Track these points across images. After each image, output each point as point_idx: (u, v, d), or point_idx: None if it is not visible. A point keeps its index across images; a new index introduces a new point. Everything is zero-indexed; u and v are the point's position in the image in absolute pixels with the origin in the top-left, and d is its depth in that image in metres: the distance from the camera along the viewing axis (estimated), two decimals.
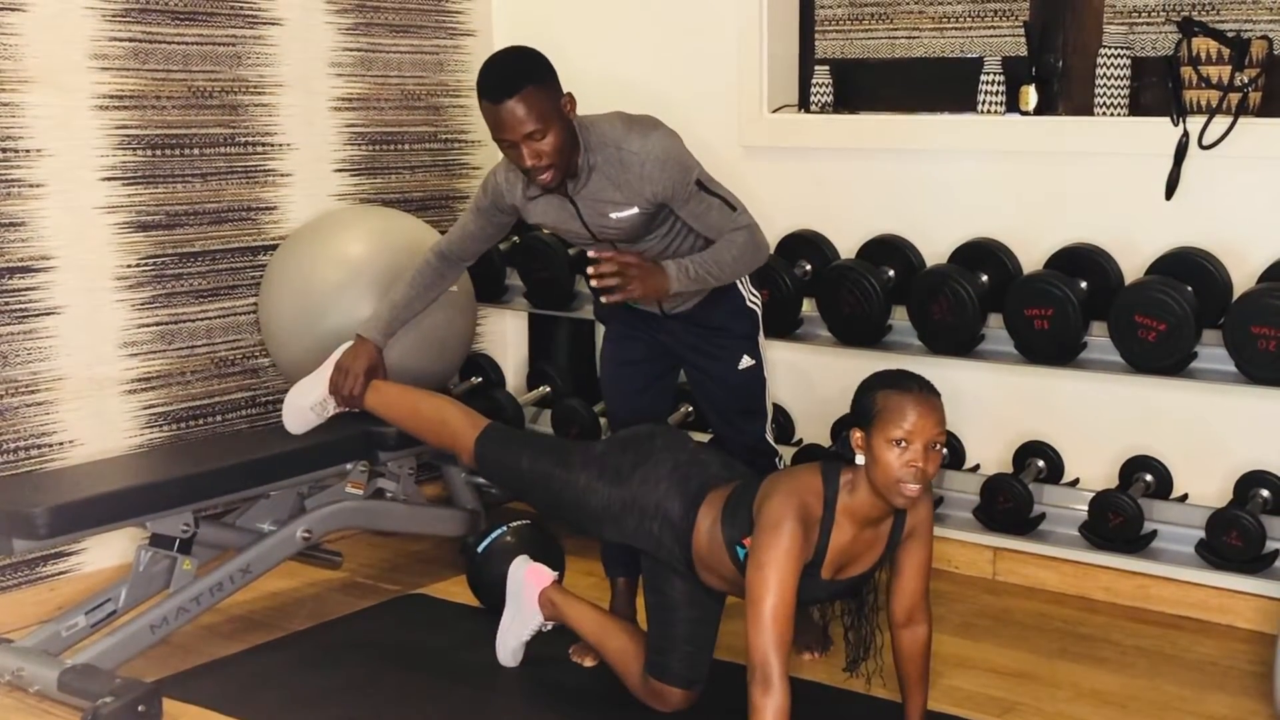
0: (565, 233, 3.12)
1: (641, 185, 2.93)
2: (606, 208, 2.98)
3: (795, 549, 2.58)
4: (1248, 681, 3.21)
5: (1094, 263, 3.49)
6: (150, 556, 3.29)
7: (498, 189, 3.12)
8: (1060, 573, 3.78)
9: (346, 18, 4.20)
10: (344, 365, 3.36)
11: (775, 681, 2.50)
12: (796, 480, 2.70)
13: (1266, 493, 3.40)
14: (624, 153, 2.92)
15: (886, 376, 2.66)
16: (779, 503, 2.64)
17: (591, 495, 2.97)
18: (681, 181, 2.95)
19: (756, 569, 2.57)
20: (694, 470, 2.92)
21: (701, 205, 3.00)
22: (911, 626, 2.82)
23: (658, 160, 2.91)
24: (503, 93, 2.82)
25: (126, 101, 3.67)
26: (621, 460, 2.96)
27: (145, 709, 2.87)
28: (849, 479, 2.68)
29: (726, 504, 2.81)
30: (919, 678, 2.85)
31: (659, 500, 2.87)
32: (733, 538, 2.75)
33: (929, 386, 2.65)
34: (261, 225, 4.03)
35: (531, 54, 2.94)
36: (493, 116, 2.84)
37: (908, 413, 2.57)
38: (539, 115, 2.81)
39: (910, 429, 2.56)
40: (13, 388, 3.51)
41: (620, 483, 2.93)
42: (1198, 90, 3.35)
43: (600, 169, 2.95)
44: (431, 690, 3.17)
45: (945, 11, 3.99)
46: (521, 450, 3.14)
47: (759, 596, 2.55)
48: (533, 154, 2.84)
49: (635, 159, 2.91)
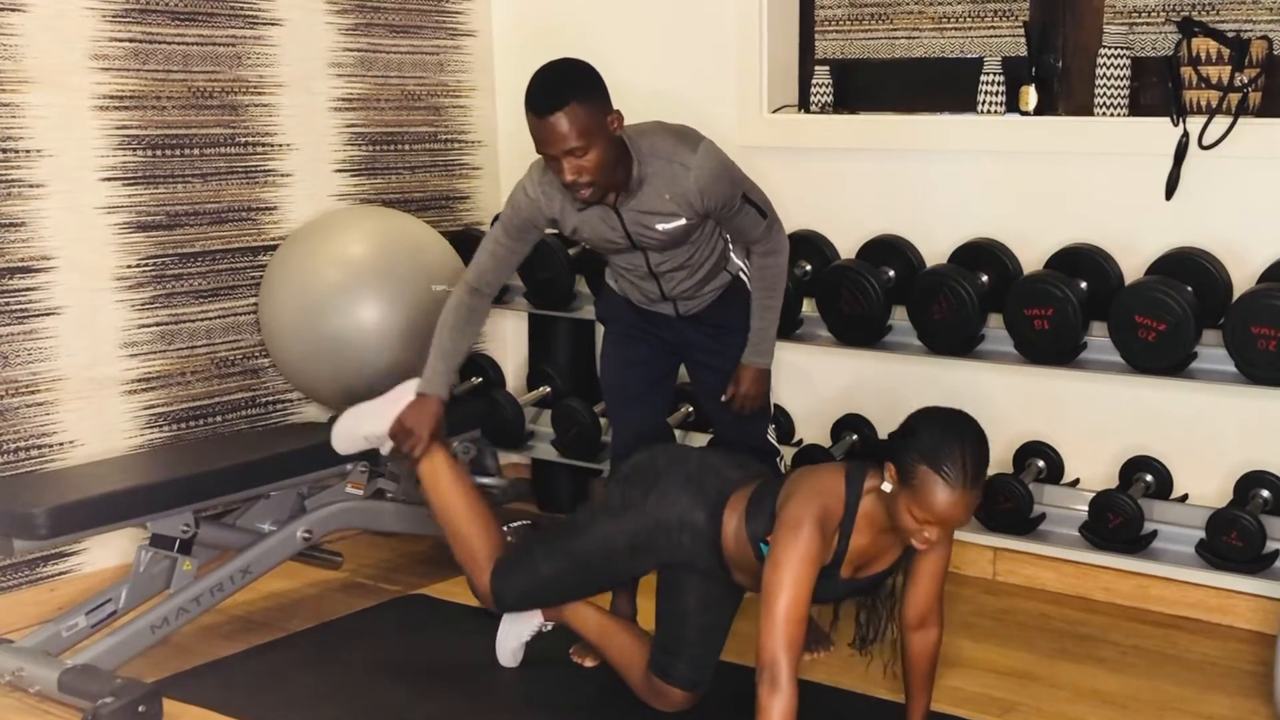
0: (601, 241, 3.08)
1: (694, 198, 2.93)
2: (654, 219, 2.96)
3: (813, 552, 2.58)
4: (1247, 682, 3.21)
5: (1094, 263, 3.49)
6: (150, 557, 3.29)
7: (533, 204, 3.03)
8: (1060, 573, 3.79)
9: (347, 18, 4.20)
10: (408, 424, 3.16)
11: (783, 682, 2.50)
12: (820, 481, 2.70)
13: (1266, 493, 3.39)
14: (675, 166, 2.91)
15: (940, 451, 2.51)
16: (800, 504, 2.64)
17: (616, 538, 2.93)
18: (731, 195, 2.99)
19: (773, 568, 2.58)
20: (707, 476, 2.91)
21: (741, 215, 3.04)
22: (924, 630, 2.82)
23: (712, 174, 2.93)
24: (547, 106, 2.77)
25: (127, 102, 3.67)
26: (631, 493, 2.94)
27: (145, 709, 2.87)
28: (872, 486, 2.67)
29: (750, 502, 2.81)
30: (925, 680, 2.85)
31: (681, 514, 2.86)
32: (756, 534, 2.77)
33: (976, 478, 2.53)
34: (262, 225, 4.03)
35: (580, 67, 2.89)
36: (536, 129, 2.80)
37: (940, 504, 2.51)
38: (582, 131, 2.76)
39: (937, 517, 2.53)
40: (13, 388, 3.51)
41: (638, 512, 2.91)
42: (1198, 90, 3.34)
43: (651, 181, 2.92)
44: (432, 690, 3.17)
45: (945, 12, 3.99)
46: (532, 558, 3.06)
47: (773, 596, 2.55)
48: (574, 169, 2.80)
49: (689, 173, 2.91)
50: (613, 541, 2.93)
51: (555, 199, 3.00)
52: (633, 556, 2.94)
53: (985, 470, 2.57)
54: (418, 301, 3.81)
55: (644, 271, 3.14)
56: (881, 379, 3.97)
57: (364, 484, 3.71)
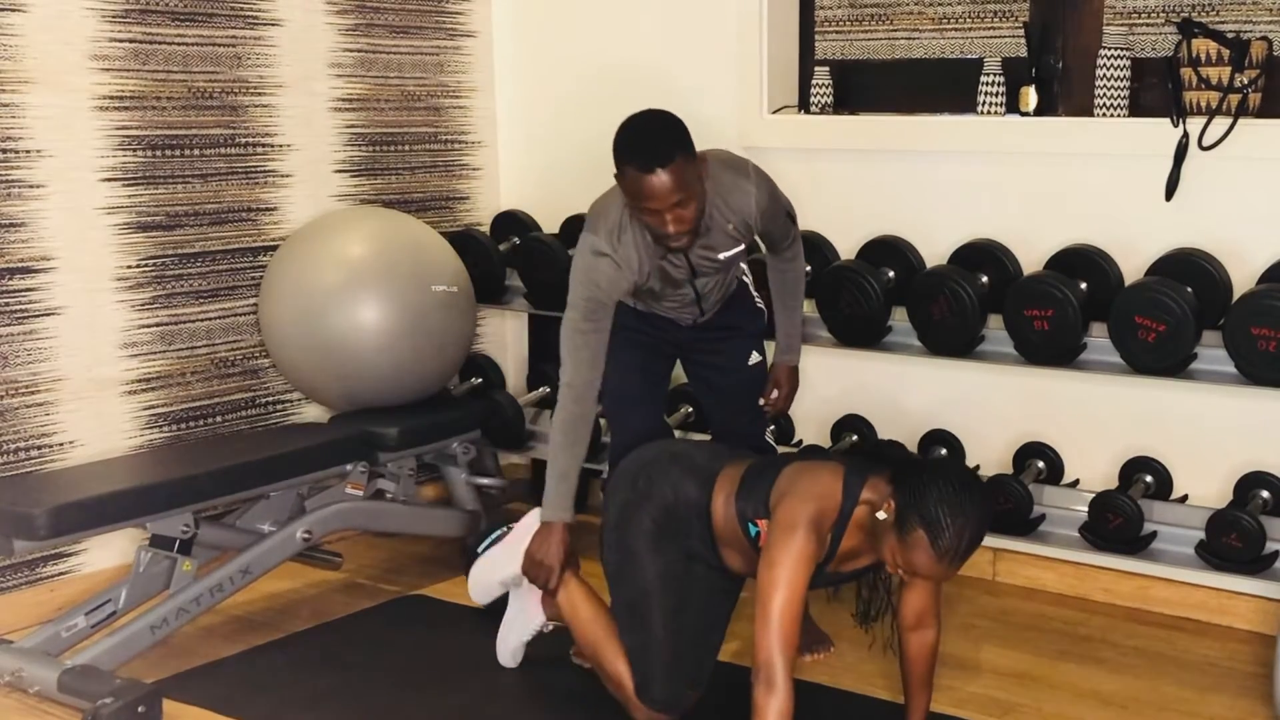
0: (662, 285, 3.09)
1: (754, 222, 3.03)
2: (718, 251, 3.04)
3: (809, 553, 2.59)
4: (1247, 683, 3.21)
5: (1094, 263, 3.49)
6: (150, 557, 3.29)
7: (620, 275, 2.96)
8: (1060, 574, 3.79)
9: (346, 18, 4.20)
10: (538, 557, 3.05)
11: (779, 682, 2.51)
12: (817, 482, 2.70)
13: (1266, 494, 3.40)
14: (734, 198, 2.98)
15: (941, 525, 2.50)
16: (797, 504, 2.64)
17: (639, 542, 2.88)
18: (780, 214, 3.12)
19: (769, 568, 2.58)
20: (695, 452, 2.96)
21: (780, 226, 3.17)
22: (920, 630, 2.81)
23: (768, 196, 3.05)
24: (655, 162, 2.75)
25: (127, 102, 3.67)
26: (632, 496, 2.93)
27: (145, 710, 2.87)
28: (868, 498, 2.67)
29: (743, 479, 2.82)
30: (923, 681, 2.85)
31: (674, 487, 2.88)
32: (744, 512, 2.77)
33: (966, 556, 2.55)
34: (262, 226, 4.03)
35: (677, 121, 2.88)
36: (638, 184, 2.77)
37: (922, 567, 2.57)
38: (684, 184, 2.78)
39: (914, 572, 2.61)
40: (13, 389, 3.51)
41: (645, 504, 2.90)
42: (1197, 91, 3.35)
43: (715, 219, 2.98)
44: (432, 691, 3.17)
45: (945, 12, 3.99)
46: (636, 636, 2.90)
47: (769, 596, 2.56)
48: (676, 220, 2.80)
49: (746, 203, 3.00)
50: (642, 544, 2.88)
51: (633, 260, 2.96)
52: (665, 549, 2.87)
53: (977, 547, 2.58)
54: (418, 302, 3.81)
55: (690, 299, 3.18)
56: (881, 380, 3.97)
57: (364, 484, 3.71)
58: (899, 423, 3.90)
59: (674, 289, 3.13)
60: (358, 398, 3.87)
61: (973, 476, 2.64)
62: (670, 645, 2.87)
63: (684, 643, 2.89)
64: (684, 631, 2.89)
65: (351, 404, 3.91)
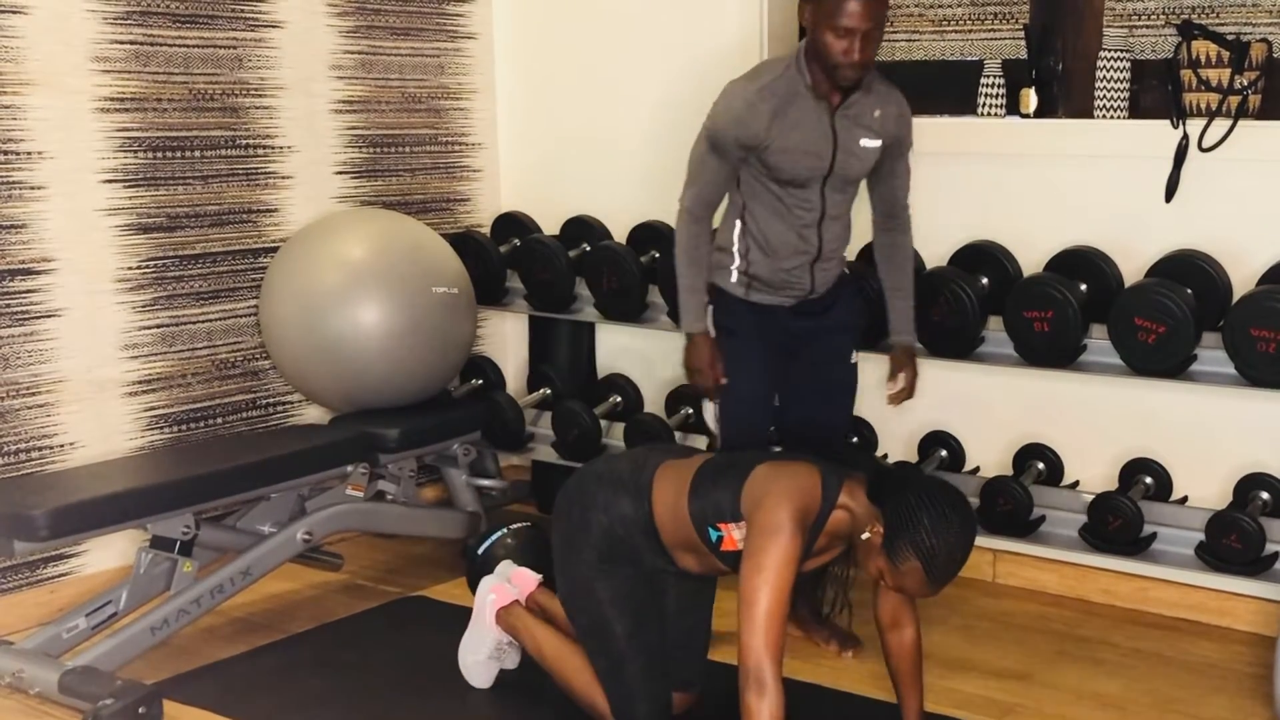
0: (805, 158, 3.11)
1: (893, 122, 3.18)
2: (861, 134, 3.14)
3: (794, 555, 2.55)
4: (1247, 684, 3.21)
5: (1094, 265, 3.49)
6: (151, 558, 3.29)
7: (740, 119, 3.09)
8: (1060, 575, 3.79)
9: (347, 20, 4.20)
10: (694, 366, 3.28)
11: (769, 684, 2.48)
12: (797, 482, 2.64)
13: (1266, 495, 3.40)
14: (888, 90, 3.19)
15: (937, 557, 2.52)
16: (781, 505, 2.58)
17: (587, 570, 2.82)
18: (909, 133, 3.26)
19: (754, 572, 2.54)
20: (618, 465, 2.88)
21: (902, 164, 3.29)
22: (897, 629, 2.81)
23: (907, 119, 3.23)
24: None
25: (128, 104, 3.68)
26: (568, 529, 2.85)
27: (146, 711, 2.87)
28: (845, 503, 2.64)
29: (694, 482, 2.73)
30: (911, 679, 2.83)
31: (606, 510, 2.79)
32: (702, 515, 2.69)
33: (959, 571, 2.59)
34: (262, 228, 4.04)
35: None
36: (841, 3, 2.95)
37: (914, 589, 2.60)
38: (877, 19, 3.00)
39: (905, 592, 2.65)
40: (14, 390, 3.51)
41: (583, 534, 2.81)
42: (1197, 93, 3.35)
43: (869, 93, 3.14)
44: (432, 692, 3.17)
45: (945, 14, 4.00)
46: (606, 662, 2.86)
47: (753, 599, 2.51)
48: (860, 49, 2.97)
49: (895, 96, 3.20)
50: (588, 574, 2.82)
51: (768, 101, 3.09)
52: (614, 573, 2.82)
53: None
54: (418, 304, 3.81)
55: (815, 216, 3.18)
56: (882, 381, 3.96)
57: (364, 486, 3.72)
58: (899, 424, 3.90)
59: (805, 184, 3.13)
60: (358, 399, 3.87)
61: (958, 496, 2.61)
62: (639, 664, 2.81)
63: (655, 658, 2.84)
64: (652, 648, 2.84)
65: (352, 405, 3.91)
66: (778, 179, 3.15)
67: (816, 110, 3.09)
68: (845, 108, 3.11)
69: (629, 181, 4.36)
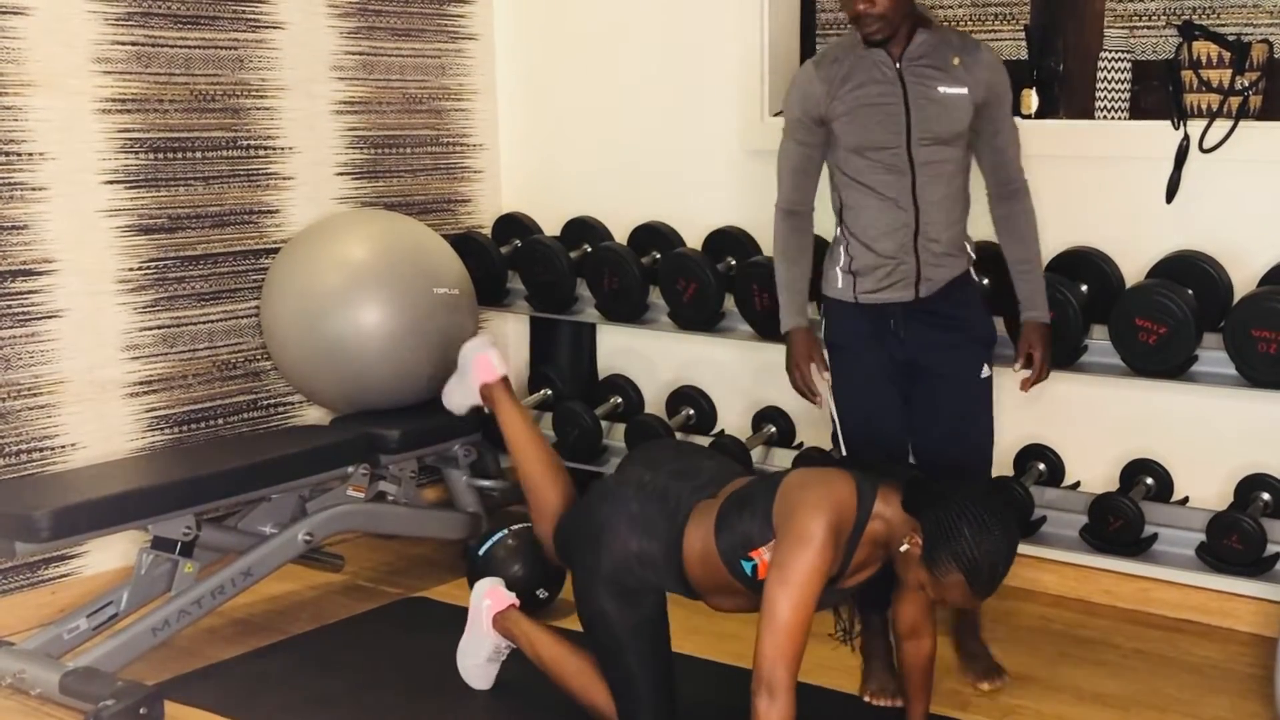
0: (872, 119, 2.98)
1: (984, 69, 2.98)
2: (937, 80, 2.96)
3: (824, 566, 2.49)
4: (1248, 684, 3.21)
5: (1095, 266, 3.49)
6: (152, 559, 3.30)
7: (804, 94, 3.04)
8: (1061, 576, 3.79)
9: (348, 21, 4.20)
10: (793, 362, 3.18)
11: (781, 693, 2.44)
12: (832, 492, 2.56)
13: (1267, 496, 3.40)
14: (968, 41, 3.03)
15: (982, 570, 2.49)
16: (815, 516, 2.50)
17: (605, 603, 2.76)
18: (1006, 88, 3.04)
19: (781, 581, 2.47)
20: (650, 509, 2.75)
21: (1006, 124, 3.08)
22: (916, 639, 2.80)
23: (1000, 71, 3.02)
24: None
25: (129, 105, 3.68)
26: (583, 574, 2.80)
27: (147, 711, 2.88)
28: (880, 512, 2.58)
29: (720, 514, 2.67)
30: (921, 687, 2.84)
31: (638, 551, 2.72)
32: (734, 551, 2.62)
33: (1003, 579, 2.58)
34: (263, 229, 4.04)
35: None
36: None
37: (956, 599, 2.58)
38: None
39: (944, 602, 2.63)
40: (14, 391, 3.51)
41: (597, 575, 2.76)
42: (1198, 94, 3.35)
43: (940, 40, 2.98)
44: (432, 693, 3.17)
45: (946, 15, 3.99)
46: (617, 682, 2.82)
47: (776, 606, 2.46)
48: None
49: (979, 48, 3.02)
50: (604, 608, 2.76)
51: (830, 82, 3.00)
52: (640, 603, 2.77)
53: None
54: (419, 304, 3.81)
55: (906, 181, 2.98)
56: None
57: (365, 487, 3.72)
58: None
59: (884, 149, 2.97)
60: (359, 400, 3.88)
61: (1000, 504, 2.57)
62: (652, 681, 2.78)
63: (670, 676, 2.81)
64: (667, 669, 2.81)
65: (353, 406, 3.91)
66: (858, 149, 3.00)
67: (878, 66, 2.97)
68: (911, 54, 2.96)
69: (630, 182, 4.36)
